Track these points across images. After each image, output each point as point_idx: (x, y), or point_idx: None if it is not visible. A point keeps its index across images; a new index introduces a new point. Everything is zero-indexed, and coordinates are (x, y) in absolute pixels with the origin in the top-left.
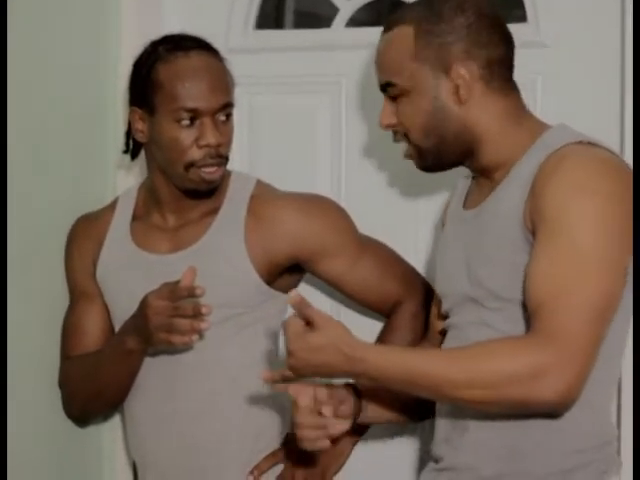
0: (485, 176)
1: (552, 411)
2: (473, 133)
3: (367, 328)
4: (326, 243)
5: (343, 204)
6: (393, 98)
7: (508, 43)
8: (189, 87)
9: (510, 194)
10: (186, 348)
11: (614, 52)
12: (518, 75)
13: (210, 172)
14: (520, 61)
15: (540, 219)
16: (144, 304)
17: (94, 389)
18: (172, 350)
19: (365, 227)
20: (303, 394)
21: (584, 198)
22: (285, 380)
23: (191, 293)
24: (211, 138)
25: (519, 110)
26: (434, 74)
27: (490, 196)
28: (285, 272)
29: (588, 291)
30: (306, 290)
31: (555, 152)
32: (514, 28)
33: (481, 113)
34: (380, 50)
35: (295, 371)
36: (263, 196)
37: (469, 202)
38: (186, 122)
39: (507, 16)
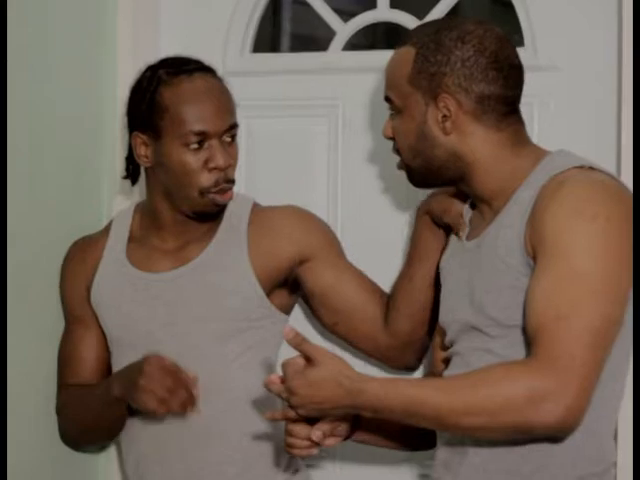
0: (485, 203)
1: (554, 435)
2: (463, 160)
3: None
4: (322, 248)
5: (339, 226)
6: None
7: (509, 80)
8: (196, 110)
9: (511, 220)
10: (191, 366)
11: (611, 75)
12: None
13: (224, 196)
14: None
15: (540, 243)
16: (147, 362)
17: (87, 424)
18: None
19: (361, 249)
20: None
21: (583, 222)
22: (287, 419)
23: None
24: (220, 160)
25: (516, 143)
26: (425, 101)
27: (492, 224)
28: (283, 286)
29: (589, 315)
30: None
31: (555, 176)
32: None
33: (469, 144)
34: (388, 63)
35: (298, 409)
36: (262, 208)
37: (472, 232)
38: (194, 146)
39: None
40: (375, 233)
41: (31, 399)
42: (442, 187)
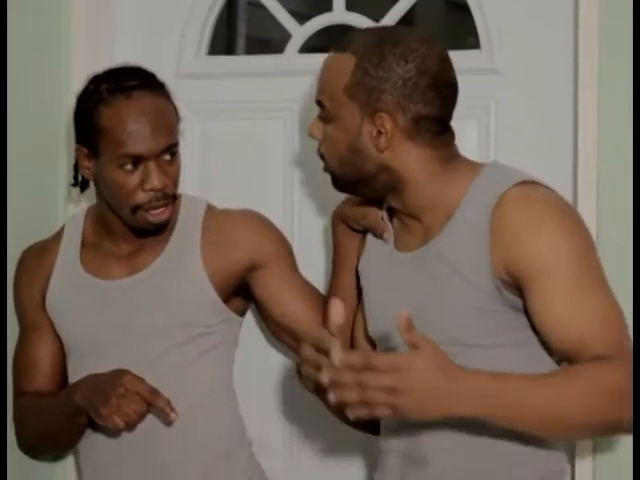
0: (414, 218)
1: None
2: (393, 175)
3: None
4: (273, 258)
5: (295, 230)
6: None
7: (445, 101)
8: (131, 133)
9: (461, 240)
10: (148, 373)
11: (567, 79)
12: (471, 101)
13: (156, 214)
14: (473, 87)
15: (526, 269)
16: (121, 380)
17: (46, 432)
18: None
19: (317, 254)
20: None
21: (566, 240)
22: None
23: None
24: (155, 181)
25: (449, 159)
26: (360, 114)
27: (433, 240)
28: (238, 292)
29: (615, 309)
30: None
31: (504, 195)
32: (467, 55)
33: (402, 161)
34: (323, 67)
35: (402, 399)
36: (216, 212)
37: (400, 243)
38: (129, 167)
39: (460, 43)
40: (330, 235)
41: None
42: (366, 196)
